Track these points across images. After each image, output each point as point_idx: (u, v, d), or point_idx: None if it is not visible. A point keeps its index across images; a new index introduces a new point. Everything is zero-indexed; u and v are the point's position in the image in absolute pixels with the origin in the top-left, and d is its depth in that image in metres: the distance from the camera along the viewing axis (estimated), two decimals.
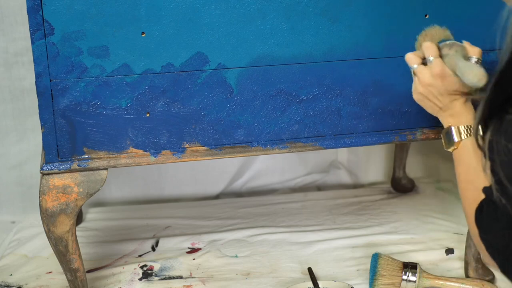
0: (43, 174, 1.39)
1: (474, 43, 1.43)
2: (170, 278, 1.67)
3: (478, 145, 1.05)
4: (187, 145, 1.42)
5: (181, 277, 1.67)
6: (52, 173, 1.38)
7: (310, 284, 1.59)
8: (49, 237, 1.43)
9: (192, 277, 1.67)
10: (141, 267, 1.71)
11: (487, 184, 1.19)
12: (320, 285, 1.58)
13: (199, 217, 1.97)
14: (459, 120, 1.28)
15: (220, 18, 1.35)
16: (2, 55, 1.89)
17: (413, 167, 2.17)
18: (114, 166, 1.40)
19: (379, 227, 1.87)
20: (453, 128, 1.28)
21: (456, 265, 1.69)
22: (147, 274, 1.69)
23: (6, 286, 1.66)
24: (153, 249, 1.81)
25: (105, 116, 1.37)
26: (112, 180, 2.04)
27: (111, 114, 1.37)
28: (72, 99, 1.35)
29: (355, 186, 2.18)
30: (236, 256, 1.76)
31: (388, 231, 1.85)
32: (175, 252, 1.79)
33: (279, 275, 1.67)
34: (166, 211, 2.01)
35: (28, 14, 1.28)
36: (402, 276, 1.55)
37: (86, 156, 1.39)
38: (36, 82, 1.33)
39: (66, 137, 1.37)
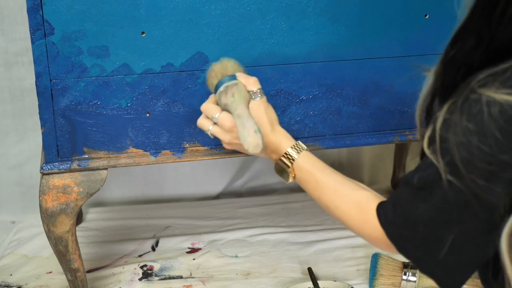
0: (43, 174, 1.39)
1: None
2: (170, 278, 1.67)
3: (420, 123, 0.99)
4: (187, 145, 1.42)
5: (181, 277, 1.67)
6: (52, 173, 1.38)
7: (310, 284, 1.59)
8: (49, 237, 1.43)
9: (192, 277, 1.67)
10: (141, 267, 1.71)
11: (347, 186, 1.14)
12: (320, 285, 1.58)
13: (199, 217, 1.97)
14: (281, 149, 1.23)
15: (220, 18, 1.35)
16: (2, 55, 1.89)
17: (413, 167, 2.16)
18: (114, 166, 1.40)
19: None
20: (279, 160, 1.23)
21: None
22: (147, 274, 1.69)
23: (6, 286, 1.66)
24: (153, 249, 1.81)
25: (105, 116, 1.37)
26: (112, 180, 2.04)
27: (111, 114, 1.37)
28: (72, 99, 1.35)
29: None
30: (236, 256, 1.76)
31: None
32: (175, 252, 1.79)
33: (279, 275, 1.67)
34: (166, 211, 2.01)
35: (28, 14, 1.28)
36: (402, 276, 1.55)
37: (86, 156, 1.39)
38: (36, 82, 1.33)
39: (66, 137, 1.37)
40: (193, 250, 1.80)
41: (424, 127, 1.00)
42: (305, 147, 1.23)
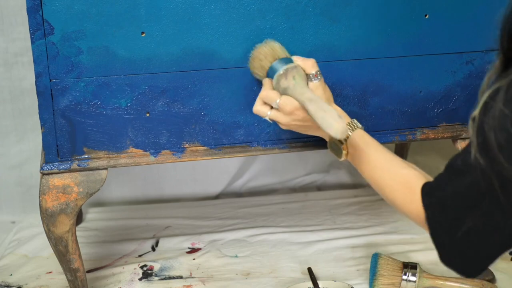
0: (43, 174, 1.39)
1: (473, 43, 1.44)
2: (170, 278, 1.67)
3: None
4: (187, 145, 1.42)
5: (181, 277, 1.67)
6: (52, 173, 1.38)
7: (310, 284, 1.59)
8: (49, 237, 1.43)
9: (192, 277, 1.67)
10: (141, 267, 1.71)
11: (397, 164, 1.16)
12: (320, 285, 1.58)
13: (199, 217, 1.97)
14: None
15: (220, 18, 1.35)
16: (2, 55, 1.89)
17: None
18: (114, 166, 1.40)
19: (379, 227, 1.87)
20: (334, 138, 1.24)
21: None
22: (147, 274, 1.69)
23: (6, 286, 1.66)
24: (153, 249, 1.81)
25: (105, 116, 1.37)
26: (112, 180, 2.04)
27: (111, 114, 1.37)
28: (72, 99, 1.35)
29: (355, 186, 2.18)
30: (236, 256, 1.76)
31: (388, 231, 1.85)
32: (175, 252, 1.79)
33: (279, 275, 1.67)
34: (166, 211, 2.01)
35: (28, 14, 1.28)
36: (402, 276, 1.55)
37: (86, 156, 1.39)
38: (36, 82, 1.33)
39: (66, 137, 1.37)
40: (193, 250, 1.80)
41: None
42: (360, 125, 1.25)
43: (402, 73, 1.44)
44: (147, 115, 1.38)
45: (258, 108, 1.29)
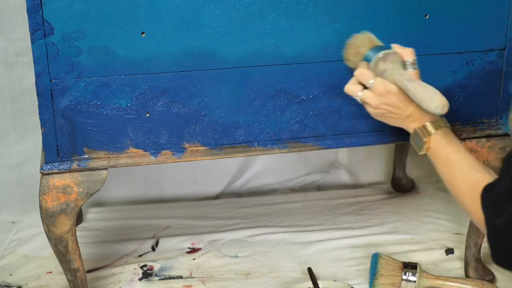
0: (43, 174, 1.39)
1: (473, 43, 1.44)
2: (170, 278, 1.67)
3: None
4: (187, 145, 1.42)
5: (181, 277, 1.67)
6: (52, 173, 1.38)
7: (310, 284, 1.59)
8: (49, 237, 1.43)
9: (192, 277, 1.67)
10: (141, 267, 1.71)
11: (473, 167, 1.20)
12: (320, 285, 1.58)
13: (199, 217, 1.97)
14: (423, 120, 1.28)
15: (220, 18, 1.35)
16: (2, 55, 1.89)
17: (413, 167, 2.17)
18: (114, 166, 1.40)
19: (379, 227, 1.87)
20: (418, 129, 1.28)
21: (456, 265, 1.69)
22: (147, 274, 1.69)
23: (6, 286, 1.66)
24: (153, 249, 1.81)
25: (105, 116, 1.37)
26: (112, 180, 2.04)
27: (111, 114, 1.37)
28: (72, 99, 1.35)
29: (355, 186, 2.18)
30: (236, 256, 1.76)
31: (388, 231, 1.85)
32: (175, 252, 1.79)
33: (279, 275, 1.67)
34: (166, 211, 2.01)
35: (28, 14, 1.28)
36: (402, 276, 1.55)
37: (86, 156, 1.39)
38: (36, 82, 1.33)
39: (66, 137, 1.37)
40: (193, 250, 1.80)
41: None
42: (447, 124, 1.29)
43: None
44: (147, 115, 1.38)
45: (351, 86, 1.33)
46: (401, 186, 2.10)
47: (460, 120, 1.49)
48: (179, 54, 1.36)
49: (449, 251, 1.74)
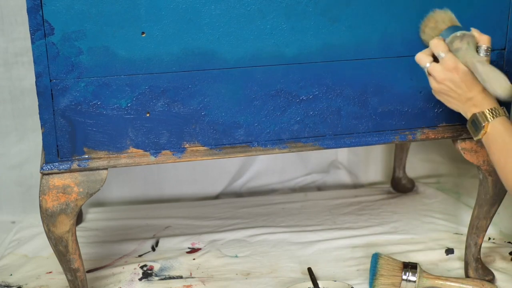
0: (43, 174, 1.39)
1: None
2: (170, 278, 1.67)
3: None
4: (187, 145, 1.42)
5: (181, 277, 1.67)
6: (52, 173, 1.38)
7: (310, 284, 1.59)
8: (49, 237, 1.43)
9: (192, 277, 1.67)
10: (141, 267, 1.71)
11: None
12: (320, 285, 1.58)
13: (199, 217, 1.97)
14: (482, 106, 1.29)
15: (220, 18, 1.35)
16: (2, 55, 1.89)
17: (413, 167, 2.17)
18: (114, 166, 1.40)
19: (379, 227, 1.87)
20: (477, 114, 1.29)
21: (456, 265, 1.69)
22: (147, 274, 1.69)
23: (6, 286, 1.66)
24: (153, 249, 1.81)
25: (105, 116, 1.37)
26: (112, 180, 2.04)
27: (111, 114, 1.37)
28: (72, 99, 1.35)
29: (355, 186, 2.18)
30: (236, 256, 1.76)
31: (388, 231, 1.85)
32: (175, 252, 1.79)
33: (279, 275, 1.67)
34: (166, 211, 2.01)
35: (28, 14, 1.28)
36: (402, 276, 1.55)
37: (86, 156, 1.39)
38: (36, 82, 1.33)
39: (66, 137, 1.37)
40: (193, 250, 1.80)
41: None
42: (505, 113, 1.30)
43: (402, 73, 1.44)
44: (147, 115, 1.38)
45: (422, 55, 1.33)
46: (401, 186, 2.10)
47: (460, 120, 1.49)
48: (179, 54, 1.36)
49: (449, 251, 1.74)
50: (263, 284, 1.64)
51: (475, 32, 1.32)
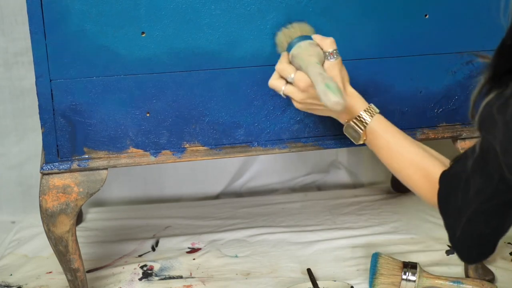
0: (43, 174, 1.39)
1: (473, 43, 1.43)
2: (170, 278, 1.67)
3: (472, 116, 1.02)
4: (187, 145, 1.42)
5: (181, 277, 1.67)
6: (52, 173, 1.38)
7: (310, 284, 1.59)
8: (49, 237, 1.43)
9: (192, 277, 1.67)
10: (141, 267, 1.71)
11: (416, 152, 1.18)
12: (320, 285, 1.58)
13: (199, 217, 1.97)
14: (353, 111, 1.25)
15: (220, 18, 1.35)
16: (2, 55, 1.89)
17: None
18: (114, 166, 1.40)
19: (379, 227, 1.87)
20: (351, 122, 1.25)
21: (456, 265, 1.69)
22: (147, 274, 1.69)
23: (6, 286, 1.66)
24: (153, 249, 1.81)
25: (105, 116, 1.37)
26: (112, 180, 2.04)
27: (111, 114, 1.37)
28: (72, 99, 1.35)
29: (355, 186, 2.18)
30: (236, 256, 1.76)
31: (388, 231, 1.85)
32: (175, 252, 1.79)
33: (279, 275, 1.67)
34: (166, 211, 2.01)
35: (28, 14, 1.28)
36: (402, 276, 1.55)
37: (86, 156, 1.39)
38: (36, 82, 1.33)
39: (66, 137, 1.37)
40: (193, 250, 1.80)
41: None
42: (378, 110, 1.25)
43: (402, 73, 1.44)
44: (147, 115, 1.38)
45: (274, 82, 1.28)
46: (401, 186, 2.09)
47: (460, 120, 1.49)
48: (179, 54, 1.36)
49: (449, 251, 1.74)
50: (263, 284, 1.64)
51: (317, 38, 1.27)
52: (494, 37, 1.43)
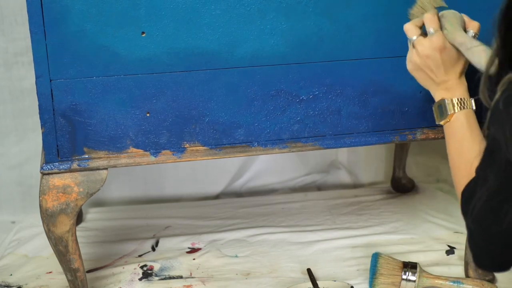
0: (43, 174, 1.39)
1: None
2: (170, 278, 1.67)
3: (485, 100, 1.03)
4: (187, 145, 1.42)
5: (181, 277, 1.67)
6: (52, 173, 1.38)
7: (310, 284, 1.59)
8: (49, 237, 1.43)
9: (192, 277, 1.67)
10: (141, 267, 1.71)
11: (475, 152, 1.19)
12: (320, 285, 1.58)
13: (199, 217, 1.97)
14: (453, 93, 1.27)
15: (220, 18, 1.35)
16: (2, 55, 1.89)
17: (413, 167, 2.17)
18: (114, 166, 1.40)
19: (379, 227, 1.87)
20: (446, 100, 1.27)
21: (456, 265, 1.69)
22: (147, 274, 1.69)
23: (6, 286, 1.66)
24: (153, 249, 1.81)
25: (105, 116, 1.37)
26: (112, 180, 2.04)
27: (111, 114, 1.37)
28: (72, 99, 1.35)
29: (355, 186, 2.18)
30: (236, 256, 1.76)
31: (388, 231, 1.85)
32: (175, 252, 1.79)
33: (279, 275, 1.67)
34: (166, 211, 2.01)
35: (28, 14, 1.28)
36: (402, 276, 1.55)
37: (86, 156, 1.39)
38: (36, 82, 1.33)
39: (66, 137, 1.37)
40: (193, 250, 1.80)
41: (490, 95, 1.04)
42: (474, 106, 1.27)
43: (402, 73, 1.43)
44: (147, 115, 1.38)
45: (411, 26, 1.30)
46: (401, 186, 2.10)
47: None
48: (179, 54, 1.36)
49: (449, 251, 1.74)
50: (263, 284, 1.64)
51: (465, 17, 1.31)
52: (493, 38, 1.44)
